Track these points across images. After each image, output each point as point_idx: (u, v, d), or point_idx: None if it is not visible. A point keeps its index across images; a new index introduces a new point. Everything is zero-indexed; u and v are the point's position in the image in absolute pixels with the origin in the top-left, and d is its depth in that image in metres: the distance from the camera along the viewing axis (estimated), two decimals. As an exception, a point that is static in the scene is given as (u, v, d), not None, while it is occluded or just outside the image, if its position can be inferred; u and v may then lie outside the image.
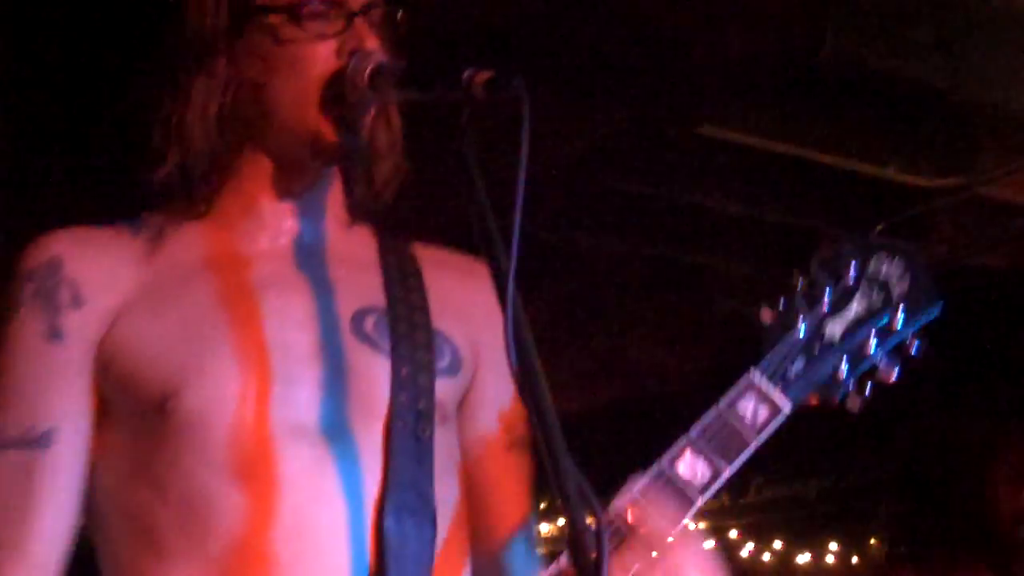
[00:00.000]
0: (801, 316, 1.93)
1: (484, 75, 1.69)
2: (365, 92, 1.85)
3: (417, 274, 2.00)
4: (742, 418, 1.90)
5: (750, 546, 11.07)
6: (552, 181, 6.18)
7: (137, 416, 1.88)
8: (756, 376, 1.92)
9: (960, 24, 5.19)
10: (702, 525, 10.92)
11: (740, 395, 1.92)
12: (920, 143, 6.10)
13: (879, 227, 6.78)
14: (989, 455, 4.18)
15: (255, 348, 1.85)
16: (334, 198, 2.03)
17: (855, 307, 1.95)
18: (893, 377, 1.96)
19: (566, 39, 4.88)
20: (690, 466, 1.89)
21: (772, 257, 7.30)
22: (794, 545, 9.00)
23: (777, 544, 9.86)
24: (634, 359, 8.19)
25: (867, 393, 1.95)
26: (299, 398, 1.85)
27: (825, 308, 1.94)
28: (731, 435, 1.91)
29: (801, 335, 1.93)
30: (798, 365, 1.92)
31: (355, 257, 2.00)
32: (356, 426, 1.85)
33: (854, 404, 1.98)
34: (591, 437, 9.82)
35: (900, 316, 1.96)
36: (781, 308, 1.95)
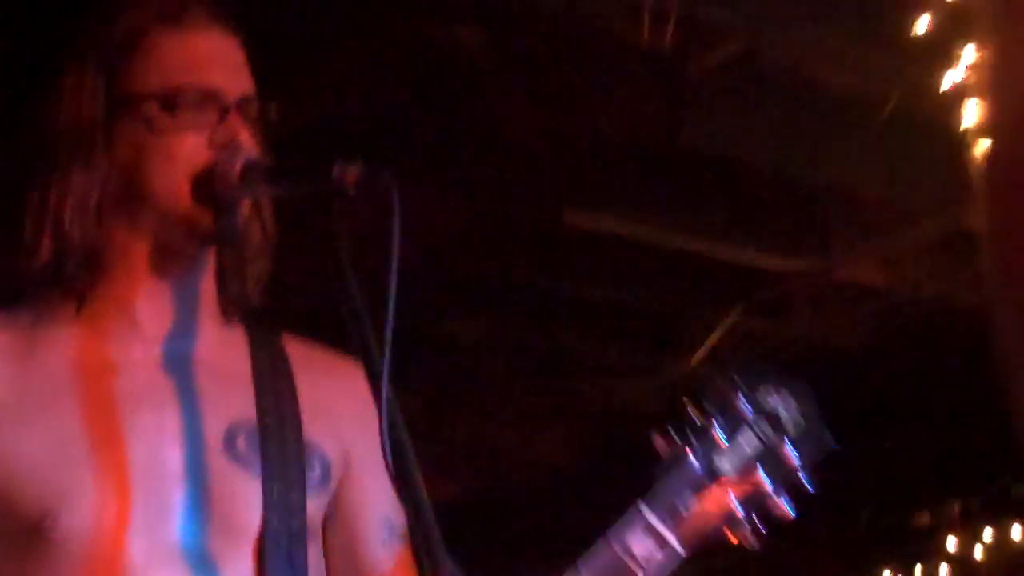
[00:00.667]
0: (692, 451, 1.89)
1: (354, 169, 1.72)
2: (236, 187, 1.85)
3: (289, 378, 1.96)
4: (634, 556, 1.86)
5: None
6: (416, 268, 6.19)
7: (16, 533, 1.82)
8: (645, 510, 1.88)
9: (812, 112, 5.35)
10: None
11: (629, 528, 1.87)
12: (776, 227, 6.26)
13: (739, 308, 6.94)
14: None
15: (118, 469, 1.80)
16: (207, 293, 1.99)
17: (746, 440, 1.91)
18: (789, 513, 1.89)
19: (429, 129, 4.92)
20: None
21: (635, 340, 7.40)
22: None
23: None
24: (499, 445, 8.20)
25: (763, 530, 1.89)
26: (164, 522, 1.81)
27: (717, 442, 1.90)
28: (623, 573, 1.86)
29: (693, 470, 1.88)
30: (688, 500, 1.87)
31: (227, 364, 1.96)
32: (224, 551, 1.81)
33: (751, 541, 1.91)
34: (458, 524, 9.75)
35: (793, 451, 1.91)
36: (673, 441, 1.90)
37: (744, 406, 1.91)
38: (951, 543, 7.65)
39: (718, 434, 1.89)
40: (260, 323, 2.03)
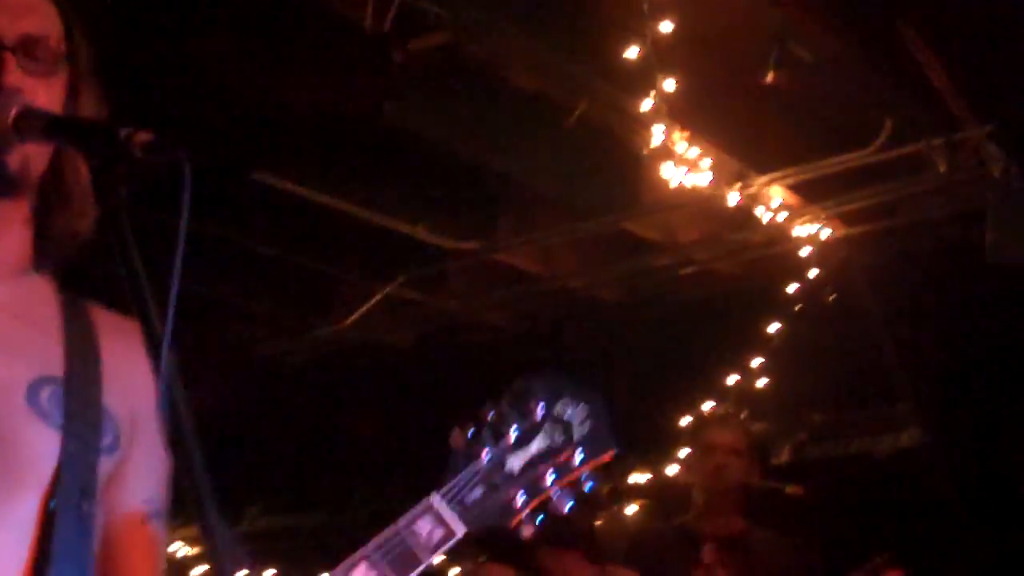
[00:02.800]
0: (487, 448, 2.03)
1: (145, 135, 1.66)
2: (9, 134, 1.78)
3: (94, 342, 1.95)
4: (418, 537, 1.99)
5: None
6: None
7: None
8: (436, 500, 2.01)
9: (502, 107, 5.64)
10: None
11: (419, 515, 2.00)
12: (449, 209, 6.54)
13: (400, 279, 7.19)
14: None
15: None
16: (8, 242, 1.93)
17: (537, 443, 2.07)
18: (566, 508, 2.07)
19: (131, 74, 4.87)
20: None
21: (295, 299, 7.54)
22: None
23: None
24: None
25: (538, 521, 2.06)
26: None
27: (510, 442, 2.05)
28: (406, 552, 1.99)
29: (484, 465, 2.03)
30: (477, 492, 2.02)
31: (35, 314, 1.93)
32: (22, 504, 1.81)
33: (527, 531, 2.08)
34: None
35: (578, 455, 2.08)
36: (469, 437, 2.04)
37: (540, 412, 2.07)
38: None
39: (512, 436, 2.04)
40: (67, 282, 1.99)
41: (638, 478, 7.21)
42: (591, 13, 5.00)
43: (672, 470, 6.87)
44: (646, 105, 4.88)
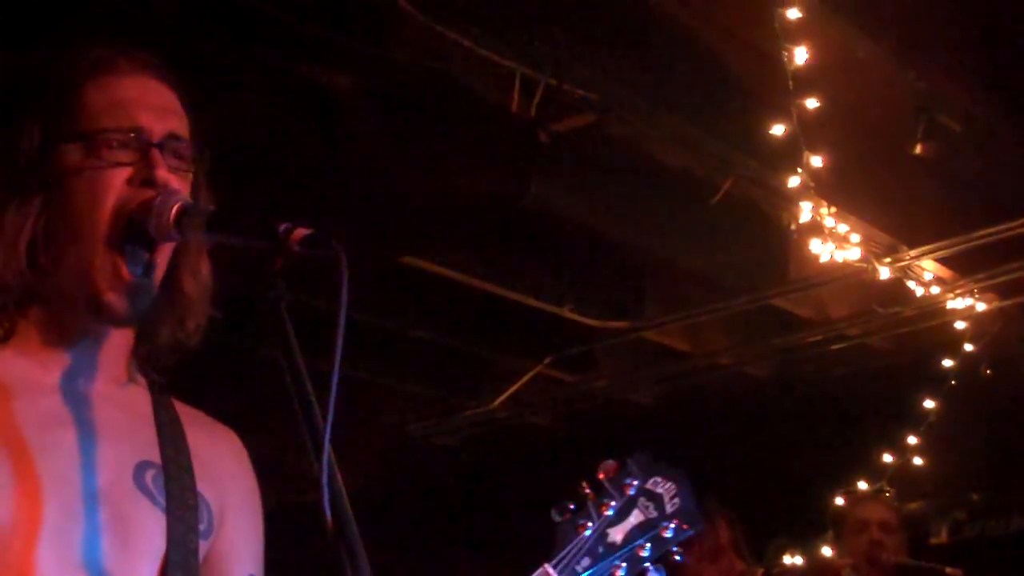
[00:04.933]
0: (590, 522, 2.18)
1: (302, 231, 1.71)
2: (169, 229, 1.84)
3: (182, 434, 2.02)
4: None
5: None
6: (237, 293, 6.26)
7: None
8: (549, 569, 2.14)
9: (647, 186, 5.66)
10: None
11: None
12: (596, 288, 6.57)
13: (548, 360, 7.23)
14: None
15: (28, 480, 1.83)
16: (108, 357, 1.98)
17: (634, 517, 2.22)
18: None
19: (284, 167, 5.00)
20: None
21: (444, 380, 7.61)
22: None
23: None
24: (296, 469, 8.26)
25: None
26: (73, 536, 1.83)
27: (610, 516, 2.20)
28: None
29: (588, 537, 2.18)
30: (584, 562, 2.16)
31: (130, 406, 2.00)
32: (124, 572, 1.87)
33: None
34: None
35: (670, 529, 2.23)
36: (572, 511, 2.19)
37: (634, 489, 2.23)
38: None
39: (611, 511, 2.20)
40: (153, 380, 2.05)
41: (792, 560, 7.07)
42: (736, 90, 5.02)
43: (827, 551, 6.73)
44: (793, 182, 4.86)
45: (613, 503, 2.22)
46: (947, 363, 6.52)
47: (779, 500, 7.15)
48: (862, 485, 6.71)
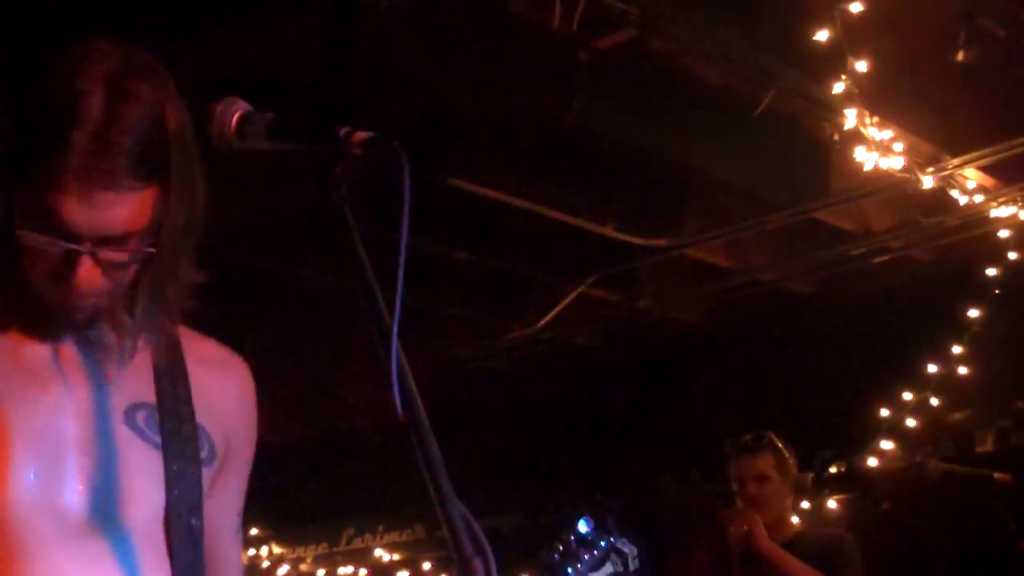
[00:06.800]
0: (570, 568, 2.63)
1: (363, 133, 1.73)
2: (232, 139, 1.83)
3: (182, 366, 2.05)
4: None
5: (444, 578, 11.39)
6: (289, 218, 6.31)
7: None
8: None
9: (687, 101, 5.65)
10: (397, 556, 11.09)
11: None
12: (637, 206, 6.58)
13: (590, 280, 7.26)
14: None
15: (38, 434, 1.87)
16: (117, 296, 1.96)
17: (606, 569, 2.68)
18: None
19: (328, 89, 5.03)
20: None
21: (488, 302, 7.67)
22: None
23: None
24: (346, 394, 8.36)
25: None
26: (56, 486, 1.86)
27: (588, 565, 2.64)
28: None
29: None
30: None
31: (126, 348, 2.00)
32: (132, 518, 1.90)
33: None
34: (299, 466, 9.92)
35: None
36: (561, 554, 2.64)
37: (607, 545, 2.71)
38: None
39: (588, 560, 2.67)
40: (156, 317, 2.03)
41: (836, 470, 7.14)
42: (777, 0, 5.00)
43: (872, 462, 6.78)
44: (838, 88, 4.85)
45: (588, 555, 2.68)
46: (991, 272, 6.51)
47: (825, 413, 7.18)
48: (907, 396, 6.74)
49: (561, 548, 2.56)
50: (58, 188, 1.79)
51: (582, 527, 2.65)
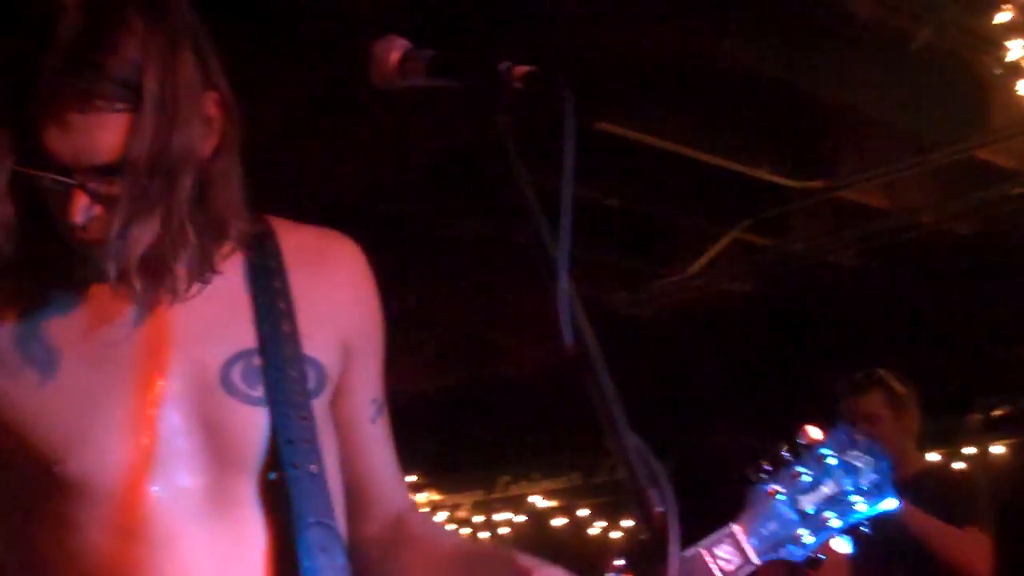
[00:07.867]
0: (783, 487, 2.21)
1: (524, 68, 1.69)
2: (394, 76, 1.80)
3: (285, 294, 1.97)
4: (718, 561, 2.14)
5: (601, 524, 11.44)
6: (439, 165, 6.34)
7: (26, 472, 1.85)
8: (736, 529, 2.17)
9: (840, 38, 5.52)
10: (554, 503, 11.17)
11: (720, 541, 2.15)
12: (790, 147, 6.46)
13: (744, 224, 7.17)
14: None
15: (140, 418, 1.84)
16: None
17: (828, 488, 2.24)
18: (849, 549, 2.25)
19: (468, 32, 5.01)
20: None
21: (637, 248, 7.62)
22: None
23: (626, 523, 10.23)
24: (493, 342, 8.40)
25: (824, 556, 2.24)
26: (175, 460, 1.84)
27: (803, 484, 2.22)
28: (706, 573, 2.13)
29: (779, 503, 2.21)
30: (771, 527, 2.19)
31: (220, 295, 1.93)
32: (242, 483, 1.87)
33: (814, 565, 2.25)
34: (454, 413, 10.03)
35: (864, 502, 2.25)
36: (768, 473, 2.22)
37: (831, 459, 2.24)
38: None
39: (805, 479, 2.22)
40: (250, 227, 1.96)
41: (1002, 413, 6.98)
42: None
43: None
44: (1001, 18, 4.68)
45: (808, 471, 2.24)
46: None
47: (989, 356, 7.01)
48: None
49: (768, 467, 2.25)
50: (39, 115, 1.73)
51: (802, 438, 2.26)
